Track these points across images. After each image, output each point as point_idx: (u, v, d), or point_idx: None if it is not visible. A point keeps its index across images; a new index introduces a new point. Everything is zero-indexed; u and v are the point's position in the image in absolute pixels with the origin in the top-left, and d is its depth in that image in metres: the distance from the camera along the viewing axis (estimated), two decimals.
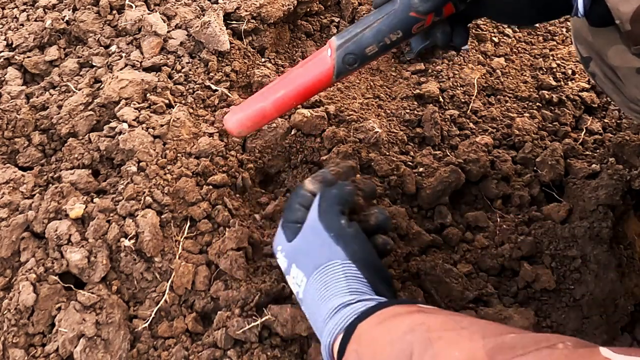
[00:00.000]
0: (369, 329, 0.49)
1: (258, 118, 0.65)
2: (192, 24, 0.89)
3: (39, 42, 0.91)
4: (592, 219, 0.75)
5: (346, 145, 0.79)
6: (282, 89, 0.64)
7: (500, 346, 0.40)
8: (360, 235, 0.58)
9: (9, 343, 0.64)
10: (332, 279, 0.55)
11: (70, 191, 0.73)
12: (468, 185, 0.81)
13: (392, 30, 0.61)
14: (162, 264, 0.68)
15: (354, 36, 0.61)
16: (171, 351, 0.65)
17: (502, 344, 0.40)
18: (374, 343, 0.47)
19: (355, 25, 0.63)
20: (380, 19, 0.60)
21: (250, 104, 0.65)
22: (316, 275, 0.56)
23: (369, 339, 0.48)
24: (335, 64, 0.62)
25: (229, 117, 0.66)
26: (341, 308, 0.53)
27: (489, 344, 0.40)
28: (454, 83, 0.92)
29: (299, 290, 0.58)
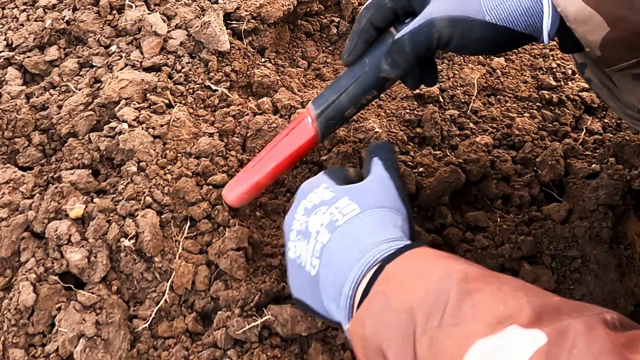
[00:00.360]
0: (398, 270, 0.45)
1: (254, 191, 0.70)
2: (192, 24, 0.89)
3: (39, 42, 0.91)
4: (592, 219, 0.75)
5: (346, 145, 0.79)
6: (272, 162, 0.69)
7: (545, 306, 0.37)
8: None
9: (9, 343, 0.64)
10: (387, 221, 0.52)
11: (70, 191, 0.73)
12: (468, 185, 0.81)
13: (366, 92, 0.64)
14: (162, 264, 0.68)
15: (331, 103, 0.65)
16: (171, 351, 0.65)
17: (548, 304, 0.37)
18: (403, 286, 0.43)
19: (329, 89, 0.66)
20: (353, 84, 0.64)
21: (245, 179, 0.70)
22: (374, 213, 0.53)
23: (397, 281, 0.44)
24: (318, 131, 0.67)
25: (228, 194, 0.71)
26: (371, 248, 0.49)
27: (534, 301, 0.37)
28: (454, 83, 0.92)
29: (342, 218, 0.53)
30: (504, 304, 0.37)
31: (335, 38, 1.02)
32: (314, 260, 0.53)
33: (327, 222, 0.53)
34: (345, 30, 1.02)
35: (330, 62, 0.98)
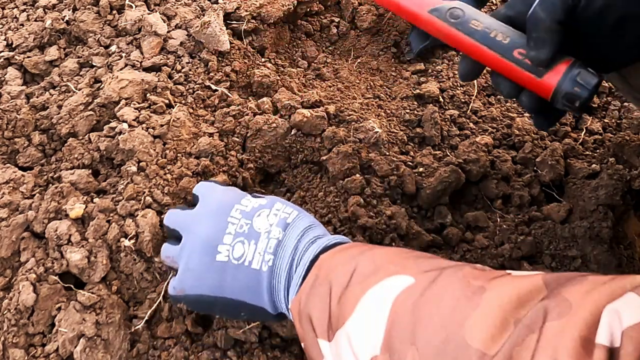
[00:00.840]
0: (330, 258, 0.54)
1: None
2: (192, 24, 0.89)
3: (39, 42, 0.91)
4: (592, 219, 0.75)
5: (346, 145, 0.79)
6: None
7: (427, 263, 0.49)
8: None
9: (9, 343, 0.64)
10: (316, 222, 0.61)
11: (70, 191, 0.73)
12: (468, 185, 0.81)
13: (504, 32, 0.54)
14: (162, 264, 0.68)
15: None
16: (171, 351, 0.65)
17: (432, 264, 0.48)
18: (330, 268, 0.52)
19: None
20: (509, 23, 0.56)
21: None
22: (305, 214, 0.61)
23: (327, 265, 0.53)
24: (437, 6, 0.57)
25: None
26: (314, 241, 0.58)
27: (423, 263, 0.49)
28: (454, 83, 0.92)
29: (289, 217, 0.60)
30: (394, 264, 0.48)
31: (335, 38, 1.02)
32: (267, 256, 0.57)
33: (277, 221, 0.59)
34: (345, 30, 1.02)
35: (330, 62, 0.98)
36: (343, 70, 0.97)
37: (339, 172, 0.77)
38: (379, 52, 1.01)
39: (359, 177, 0.76)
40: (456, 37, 0.56)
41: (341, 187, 0.77)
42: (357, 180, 0.76)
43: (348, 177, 0.76)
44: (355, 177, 0.76)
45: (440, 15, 0.57)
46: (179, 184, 0.74)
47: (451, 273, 0.44)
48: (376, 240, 0.72)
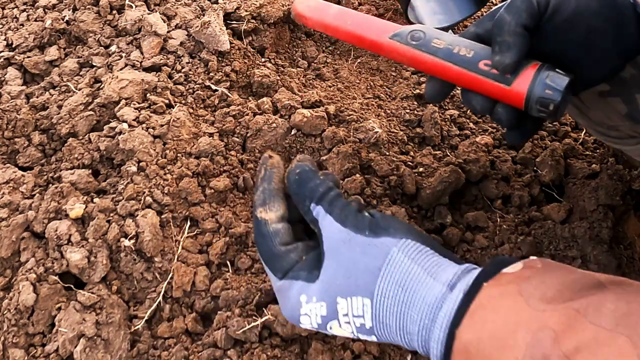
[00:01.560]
0: (473, 338, 0.39)
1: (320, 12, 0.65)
2: (192, 24, 0.89)
3: (39, 42, 0.91)
4: (592, 219, 0.75)
5: (346, 145, 0.79)
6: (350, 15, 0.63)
7: None
8: (382, 214, 0.48)
9: (9, 343, 0.64)
10: (405, 274, 0.43)
11: (70, 191, 0.73)
12: (468, 185, 0.81)
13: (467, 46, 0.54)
14: (162, 264, 0.68)
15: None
16: (171, 351, 0.65)
17: None
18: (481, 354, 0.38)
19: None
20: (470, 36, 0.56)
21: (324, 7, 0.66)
22: (382, 285, 0.43)
23: (479, 356, 0.38)
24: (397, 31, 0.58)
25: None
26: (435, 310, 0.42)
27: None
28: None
29: (365, 319, 0.44)
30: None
31: (335, 38, 1.02)
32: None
33: (355, 329, 0.46)
34: None
35: (330, 62, 0.98)
36: (343, 70, 0.97)
37: (339, 172, 0.77)
38: None
39: (359, 177, 0.76)
40: (420, 59, 0.56)
41: (341, 187, 0.77)
42: (357, 180, 0.76)
43: (348, 177, 0.76)
44: (355, 177, 0.76)
45: (401, 39, 0.57)
46: (179, 184, 0.74)
47: None
48: None
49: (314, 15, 0.66)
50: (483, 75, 0.52)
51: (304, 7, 0.66)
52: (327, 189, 0.49)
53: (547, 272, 0.40)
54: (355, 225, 0.46)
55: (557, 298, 0.37)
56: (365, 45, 0.61)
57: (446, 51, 0.54)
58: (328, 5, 0.66)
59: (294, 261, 0.48)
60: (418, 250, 0.44)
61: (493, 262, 0.43)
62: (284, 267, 0.48)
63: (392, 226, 0.46)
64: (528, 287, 0.39)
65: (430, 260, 0.44)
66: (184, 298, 0.68)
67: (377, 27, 0.60)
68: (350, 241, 0.45)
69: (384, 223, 0.46)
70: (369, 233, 0.45)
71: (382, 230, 0.45)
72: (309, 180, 0.50)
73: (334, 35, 0.65)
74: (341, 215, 0.47)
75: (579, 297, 0.36)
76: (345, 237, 0.45)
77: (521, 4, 0.49)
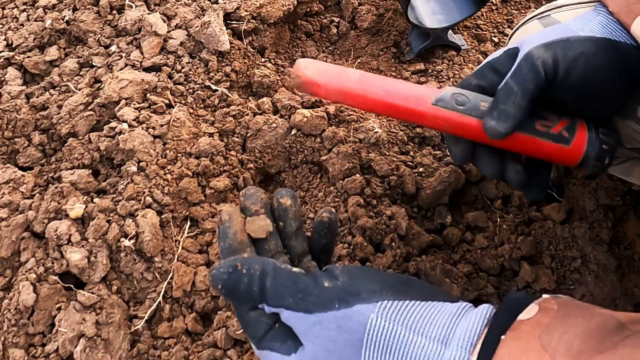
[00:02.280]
0: None
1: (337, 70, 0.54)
2: (192, 24, 0.89)
3: (39, 42, 0.91)
4: (592, 219, 0.75)
5: (346, 145, 0.79)
6: (376, 80, 0.54)
7: None
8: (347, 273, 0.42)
9: (9, 343, 0.64)
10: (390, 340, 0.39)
11: (70, 191, 0.73)
12: (468, 185, 0.81)
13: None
14: (162, 264, 0.68)
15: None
16: (171, 351, 0.65)
17: None
18: None
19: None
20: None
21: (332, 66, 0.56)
22: (367, 356, 0.39)
23: None
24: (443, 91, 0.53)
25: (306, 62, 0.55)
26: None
27: None
28: (454, 83, 0.92)
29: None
30: None
31: (335, 38, 1.02)
32: None
33: None
34: (345, 30, 1.02)
35: (330, 62, 0.98)
36: None
37: (339, 172, 0.77)
38: (379, 52, 1.01)
39: (359, 177, 0.76)
40: (469, 124, 0.52)
41: (341, 187, 0.77)
42: (357, 180, 0.76)
43: (348, 177, 0.76)
44: (355, 177, 0.76)
45: (446, 105, 0.52)
46: (179, 184, 0.74)
47: None
48: (376, 240, 0.72)
49: (331, 82, 0.54)
50: (541, 137, 0.52)
51: (315, 73, 0.54)
52: (258, 284, 0.41)
53: (567, 318, 0.38)
54: (319, 304, 0.40)
55: (583, 351, 0.35)
56: (400, 114, 0.54)
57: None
58: (345, 69, 0.55)
59: (266, 327, 0.42)
60: (398, 309, 0.40)
61: (506, 308, 0.39)
62: (257, 334, 0.43)
63: (363, 289, 0.40)
64: (551, 339, 0.36)
65: (414, 316, 0.39)
66: (184, 298, 0.68)
67: (413, 94, 0.53)
68: (322, 322, 0.40)
69: (352, 288, 0.40)
70: (339, 305, 0.40)
71: (353, 297, 0.40)
72: (236, 285, 0.41)
73: (356, 105, 0.55)
74: (297, 302, 0.40)
75: (605, 348, 0.35)
76: (315, 320, 0.40)
77: (528, 73, 0.49)
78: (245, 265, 0.41)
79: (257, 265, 0.41)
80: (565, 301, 0.40)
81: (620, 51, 0.50)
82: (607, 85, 0.51)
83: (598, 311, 0.39)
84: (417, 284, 0.42)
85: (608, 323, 0.37)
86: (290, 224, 0.47)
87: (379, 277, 0.42)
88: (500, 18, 1.07)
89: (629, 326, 0.36)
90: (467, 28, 1.05)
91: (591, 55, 0.50)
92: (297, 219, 0.47)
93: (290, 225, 0.47)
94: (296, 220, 0.47)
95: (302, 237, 0.48)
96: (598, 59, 0.50)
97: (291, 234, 0.47)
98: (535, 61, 0.49)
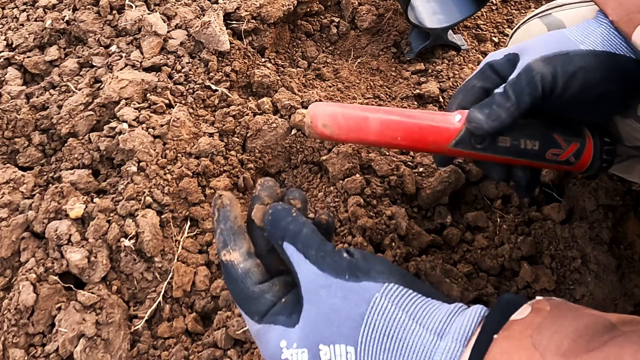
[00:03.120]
0: None
1: (356, 122, 0.51)
2: (192, 24, 0.89)
3: (39, 42, 0.91)
4: (592, 219, 0.75)
5: (346, 145, 0.79)
6: (394, 114, 0.52)
7: None
8: (361, 253, 0.44)
9: (9, 343, 0.64)
10: (390, 322, 0.40)
11: (70, 191, 0.73)
12: (468, 185, 0.81)
13: (530, 137, 0.54)
14: (162, 264, 0.68)
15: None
16: (171, 351, 0.65)
17: None
18: None
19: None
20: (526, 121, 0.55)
21: (346, 106, 0.53)
22: (366, 333, 0.40)
23: None
24: (461, 130, 0.53)
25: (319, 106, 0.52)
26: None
27: None
28: (454, 83, 0.92)
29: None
30: None
31: (335, 38, 1.02)
32: None
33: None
34: (345, 30, 1.02)
35: (330, 62, 0.98)
36: (343, 70, 0.97)
37: (339, 172, 0.77)
38: (379, 52, 1.01)
39: (359, 177, 0.76)
40: (489, 158, 0.55)
41: (341, 187, 0.77)
42: (357, 180, 0.76)
43: (348, 177, 0.77)
44: (355, 177, 0.76)
45: (465, 147, 0.53)
46: (179, 184, 0.74)
47: None
48: (376, 240, 0.72)
49: (350, 135, 0.51)
50: (549, 162, 0.56)
51: (327, 119, 0.51)
52: (299, 227, 0.44)
53: (558, 318, 0.39)
54: (333, 269, 0.42)
55: (573, 349, 0.36)
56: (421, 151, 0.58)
57: (514, 149, 0.54)
58: (362, 115, 0.52)
59: (271, 303, 0.44)
60: (402, 294, 0.41)
61: (499, 307, 0.40)
62: (260, 309, 0.44)
63: (373, 269, 0.42)
64: (541, 338, 0.37)
65: (415, 305, 0.41)
66: (184, 298, 0.68)
67: (432, 135, 0.53)
68: (330, 286, 0.42)
69: (364, 265, 0.42)
70: (349, 277, 0.42)
71: (363, 274, 0.42)
72: (282, 219, 0.45)
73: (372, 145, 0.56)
74: (317, 257, 0.43)
75: (594, 347, 0.35)
76: (324, 282, 0.42)
77: (526, 87, 0.51)
78: (294, 212, 0.45)
79: (302, 218, 0.45)
80: (558, 302, 0.41)
81: (619, 64, 0.51)
82: (605, 98, 0.53)
83: (589, 312, 0.40)
84: (422, 283, 0.44)
85: (598, 323, 0.38)
86: None
87: (389, 264, 0.44)
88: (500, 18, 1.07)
89: (619, 327, 0.37)
90: (467, 28, 1.05)
91: (590, 70, 0.51)
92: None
93: None
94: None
95: None
96: (597, 74, 0.51)
97: None
98: (534, 75, 0.50)
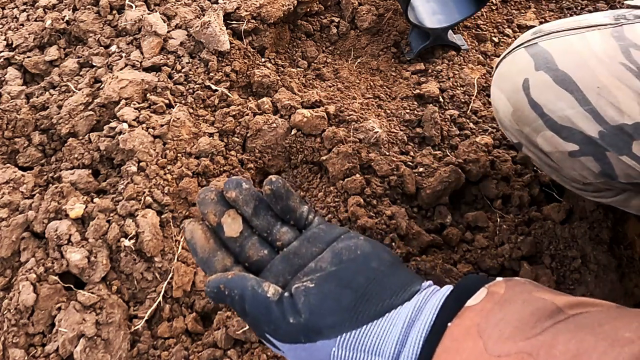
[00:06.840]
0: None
1: None
2: (192, 24, 0.89)
3: (39, 42, 0.91)
4: (592, 219, 0.75)
5: (346, 145, 0.79)
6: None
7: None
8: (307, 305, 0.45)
9: (9, 343, 0.64)
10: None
11: (70, 191, 0.73)
12: (468, 185, 0.81)
13: None
14: (162, 264, 0.68)
15: None
16: (171, 351, 0.65)
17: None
18: None
19: None
20: None
21: None
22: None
23: None
24: None
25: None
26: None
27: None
28: (454, 83, 0.92)
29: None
30: None
31: (335, 38, 1.02)
32: None
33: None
34: (345, 30, 1.02)
35: (330, 62, 0.98)
36: (343, 70, 0.97)
37: (339, 172, 0.77)
38: (379, 52, 1.01)
39: (359, 177, 0.76)
40: None
41: (341, 187, 0.77)
42: (357, 180, 0.76)
43: (348, 177, 0.76)
44: (355, 177, 0.76)
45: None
46: (179, 184, 0.74)
47: None
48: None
49: None
50: None
51: None
52: (241, 306, 0.45)
53: (507, 303, 0.40)
54: (290, 338, 0.44)
55: (513, 336, 0.37)
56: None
57: None
58: None
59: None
60: (355, 338, 0.43)
61: (456, 293, 0.42)
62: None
63: (323, 325, 0.43)
64: (487, 326, 0.39)
65: (369, 339, 0.43)
66: (184, 298, 0.68)
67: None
68: (295, 349, 0.45)
69: (314, 324, 0.43)
70: (305, 340, 0.44)
71: (316, 334, 0.43)
72: (224, 301, 0.46)
73: None
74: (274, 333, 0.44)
75: (534, 334, 0.37)
76: (289, 347, 0.45)
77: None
78: (227, 288, 0.45)
79: (236, 290, 0.45)
80: (515, 284, 0.42)
81: None
82: None
83: (539, 296, 0.40)
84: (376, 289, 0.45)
85: (545, 309, 0.38)
86: (245, 210, 0.49)
87: (337, 306, 0.44)
88: (500, 18, 1.07)
89: (565, 310, 0.38)
90: (467, 28, 1.05)
91: None
92: (250, 202, 0.50)
93: (246, 211, 0.49)
94: (249, 203, 0.50)
95: (263, 212, 0.50)
96: None
97: (250, 217, 0.50)
98: None
